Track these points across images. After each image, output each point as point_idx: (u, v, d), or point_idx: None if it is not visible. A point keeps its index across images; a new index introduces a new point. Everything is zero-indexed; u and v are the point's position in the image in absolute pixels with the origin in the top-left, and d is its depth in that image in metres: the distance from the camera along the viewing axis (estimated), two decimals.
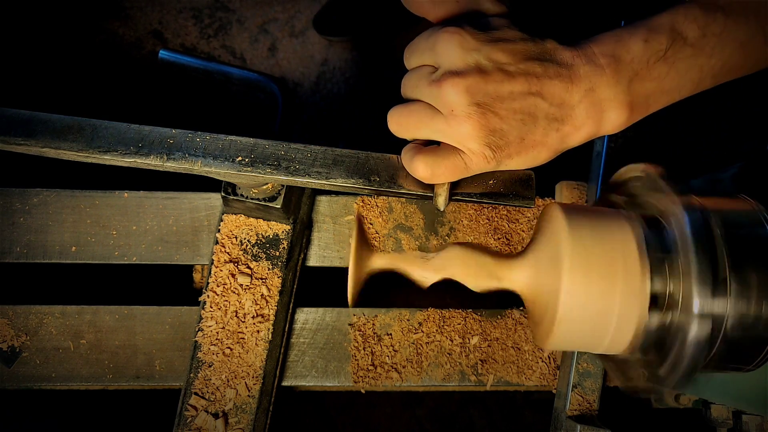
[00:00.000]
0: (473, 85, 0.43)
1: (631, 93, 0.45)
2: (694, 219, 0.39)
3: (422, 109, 0.46)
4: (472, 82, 0.43)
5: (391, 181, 0.51)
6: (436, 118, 0.45)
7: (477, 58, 0.43)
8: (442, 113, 0.45)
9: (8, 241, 0.69)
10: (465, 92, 0.43)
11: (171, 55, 1.54)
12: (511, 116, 0.44)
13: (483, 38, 0.44)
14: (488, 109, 0.43)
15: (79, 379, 0.67)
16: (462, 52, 0.43)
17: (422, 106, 0.46)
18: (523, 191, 0.51)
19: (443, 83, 0.43)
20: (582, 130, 0.45)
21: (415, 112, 0.46)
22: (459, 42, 0.44)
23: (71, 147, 0.51)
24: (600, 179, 0.69)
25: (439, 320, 0.70)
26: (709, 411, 0.66)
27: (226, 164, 0.51)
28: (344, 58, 1.59)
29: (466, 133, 0.44)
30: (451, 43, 0.44)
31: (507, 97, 0.43)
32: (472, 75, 0.43)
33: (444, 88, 0.43)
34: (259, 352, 0.63)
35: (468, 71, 0.43)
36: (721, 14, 0.44)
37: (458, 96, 0.43)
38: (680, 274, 0.40)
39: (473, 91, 0.43)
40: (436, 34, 0.45)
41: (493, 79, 0.43)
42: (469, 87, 0.43)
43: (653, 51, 0.44)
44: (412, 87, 0.47)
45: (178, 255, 0.71)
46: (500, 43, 0.44)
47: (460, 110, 0.43)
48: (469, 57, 0.43)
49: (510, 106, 0.43)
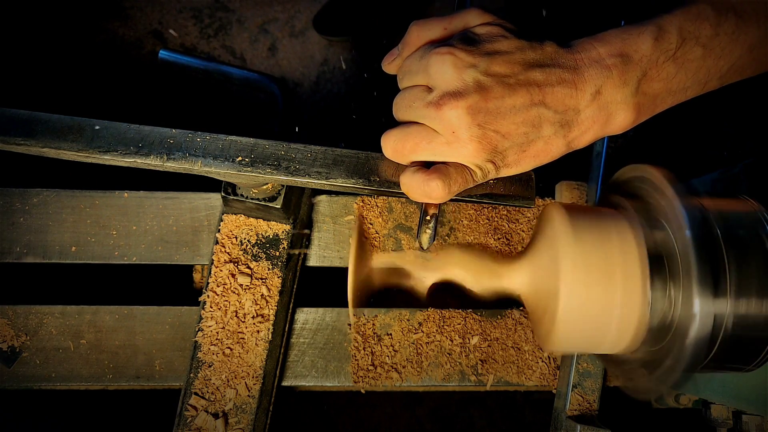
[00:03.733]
0: (474, 105, 0.41)
1: (639, 94, 0.43)
2: (694, 219, 0.39)
3: (419, 132, 0.44)
4: (472, 102, 0.41)
5: (391, 181, 0.51)
6: (435, 140, 0.43)
7: (474, 75, 0.42)
8: (442, 135, 0.43)
9: (8, 241, 0.69)
10: (466, 114, 0.41)
11: (171, 55, 1.54)
12: (513, 130, 0.42)
13: (477, 53, 0.42)
14: (490, 129, 0.42)
15: (79, 379, 0.67)
16: (457, 71, 0.42)
17: (418, 129, 0.44)
18: (523, 191, 0.51)
19: (442, 105, 0.42)
20: (588, 133, 0.44)
21: (411, 135, 0.44)
22: (452, 62, 0.42)
23: (71, 147, 0.51)
24: (600, 179, 0.69)
25: (439, 320, 0.70)
26: (709, 411, 0.66)
27: (226, 164, 0.51)
28: (344, 58, 1.59)
29: (469, 153, 0.43)
30: (444, 64, 0.42)
31: (509, 112, 0.42)
32: (471, 94, 0.41)
33: (443, 111, 0.42)
34: (259, 352, 0.63)
35: (466, 91, 0.42)
36: (733, 14, 0.43)
37: (459, 118, 0.42)
38: (680, 274, 0.40)
39: (474, 111, 0.41)
40: (427, 55, 0.43)
41: (493, 95, 0.42)
42: (470, 107, 0.41)
43: (663, 50, 0.42)
44: (406, 107, 0.45)
45: (178, 255, 0.71)
46: (496, 56, 0.42)
47: (462, 132, 0.42)
48: (466, 75, 0.42)
49: (513, 120, 0.42)
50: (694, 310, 0.38)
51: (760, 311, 0.40)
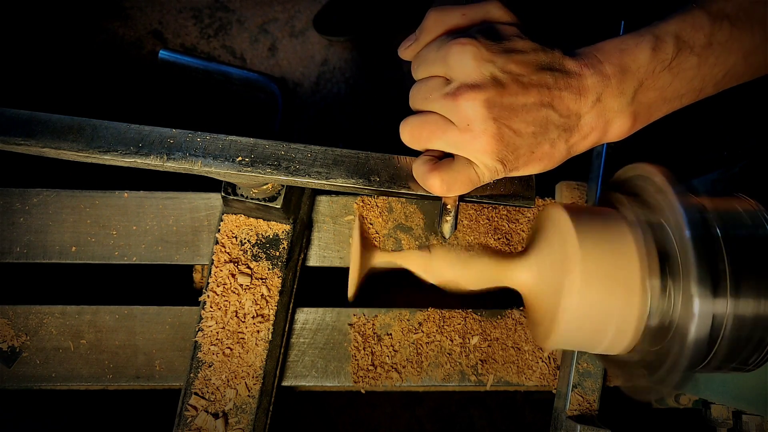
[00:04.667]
0: (490, 99, 0.42)
1: (635, 103, 0.44)
2: (693, 219, 0.39)
3: (435, 121, 0.45)
4: (489, 96, 0.42)
5: (391, 181, 0.51)
6: (450, 131, 0.44)
7: (492, 70, 0.42)
8: (457, 126, 0.44)
9: (8, 241, 0.69)
10: (482, 106, 0.42)
11: (171, 55, 1.54)
12: (524, 129, 0.43)
13: (496, 49, 0.43)
14: (503, 123, 0.43)
15: (79, 379, 0.67)
16: (477, 63, 0.42)
17: (435, 118, 0.45)
18: (523, 191, 0.51)
19: (459, 97, 0.42)
20: (588, 139, 0.45)
21: (428, 124, 0.45)
22: (473, 53, 0.42)
23: (71, 147, 0.51)
24: (600, 179, 0.69)
25: (439, 320, 0.70)
26: (709, 411, 0.66)
27: (226, 164, 0.51)
28: (344, 58, 1.59)
29: (481, 147, 0.43)
30: (465, 54, 0.42)
31: (521, 109, 0.43)
32: (488, 88, 0.42)
33: (460, 102, 0.42)
34: (259, 352, 0.63)
35: (484, 84, 0.42)
36: (727, 22, 0.43)
37: (476, 110, 0.42)
38: (680, 274, 0.40)
39: (490, 104, 0.42)
40: (447, 45, 0.43)
41: (509, 91, 0.42)
42: (486, 101, 0.42)
43: (659, 60, 0.43)
44: (422, 99, 0.46)
45: (178, 255, 0.71)
46: (514, 54, 0.43)
47: (476, 125, 0.42)
48: (485, 69, 0.42)
49: (524, 118, 0.43)
50: (693, 310, 0.38)
51: (759, 311, 0.40)
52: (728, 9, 0.44)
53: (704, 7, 0.44)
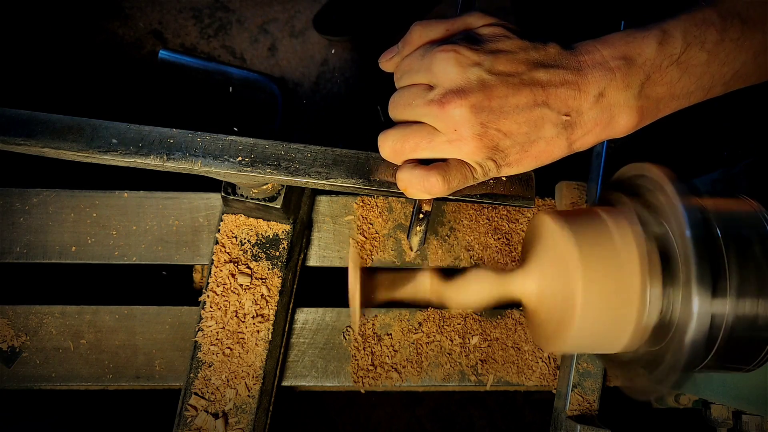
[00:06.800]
0: (477, 104, 0.41)
1: (642, 97, 0.43)
2: (694, 219, 0.39)
3: (419, 131, 0.44)
4: (475, 101, 0.41)
5: (389, 181, 0.51)
6: (436, 139, 0.43)
7: (479, 74, 0.42)
8: (443, 133, 0.43)
9: (8, 241, 0.69)
10: (469, 112, 0.41)
11: (171, 55, 1.54)
12: (515, 130, 0.42)
13: (481, 51, 0.42)
14: (492, 127, 0.42)
15: (79, 379, 0.67)
16: (461, 69, 0.42)
17: (419, 128, 0.44)
18: (523, 191, 0.51)
19: (446, 103, 0.42)
20: (590, 135, 0.44)
21: (411, 135, 0.44)
22: (456, 59, 0.42)
23: (71, 147, 0.51)
24: (600, 179, 0.69)
25: (439, 320, 0.70)
26: (709, 411, 0.66)
27: (226, 164, 0.51)
28: (344, 58, 1.59)
29: (469, 151, 0.43)
30: (448, 62, 0.42)
31: (512, 111, 0.42)
32: (475, 92, 0.41)
33: (447, 109, 0.42)
34: (259, 352, 0.63)
35: (470, 88, 0.41)
36: (738, 20, 0.43)
37: (462, 116, 0.41)
38: (680, 274, 0.40)
39: (478, 109, 0.41)
40: (431, 53, 0.43)
41: (497, 94, 0.42)
42: (473, 106, 0.41)
43: (667, 54, 0.42)
44: (405, 105, 0.45)
45: (178, 255, 0.71)
46: (500, 55, 0.42)
47: (464, 130, 0.42)
48: (470, 73, 0.42)
49: (515, 119, 0.42)
50: (692, 310, 0.38)
51: (759, 311, 0.40)
52: (739, 7, 0.43)
53: (714, 5, 0.43)
